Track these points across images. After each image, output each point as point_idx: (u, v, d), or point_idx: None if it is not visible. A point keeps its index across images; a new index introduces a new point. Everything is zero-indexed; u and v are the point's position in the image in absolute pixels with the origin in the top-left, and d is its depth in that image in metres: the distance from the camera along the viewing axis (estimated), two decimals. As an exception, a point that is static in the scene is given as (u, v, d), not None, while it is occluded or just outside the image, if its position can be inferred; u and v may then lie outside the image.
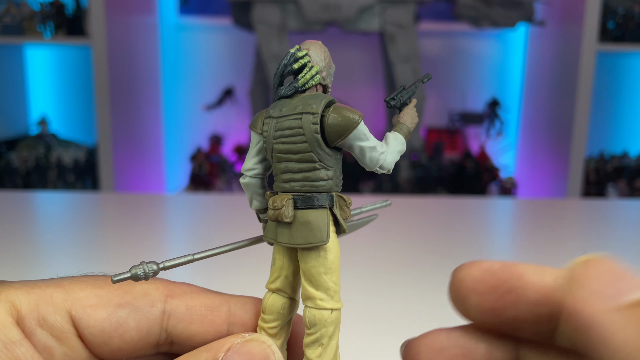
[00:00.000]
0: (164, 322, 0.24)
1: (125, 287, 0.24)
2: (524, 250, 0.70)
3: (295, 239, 0.22)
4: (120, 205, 0.90)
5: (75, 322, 0.23)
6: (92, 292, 0.23)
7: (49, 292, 0.22)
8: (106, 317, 0.23)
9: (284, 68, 0.23)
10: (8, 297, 0.21)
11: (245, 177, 0.24)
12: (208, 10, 2.07)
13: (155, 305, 0.24)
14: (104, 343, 0.23)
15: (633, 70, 2.05)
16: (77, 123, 2.04)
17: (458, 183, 1.86)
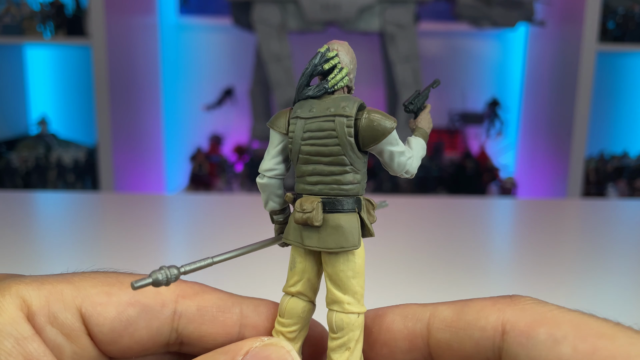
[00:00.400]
0: (175, 322, 0.23)
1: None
2: (524, 250, 0.70)
3: (326, 243, 0.22)
4: (120, 205, 0.90)
5: (85, 320, 0.22)
6: (103, 290, 0.23)
7: (60, 288, 0.22)
8: (116, 316, 0.23)
9: (313, 68, 0.23)
10: (19, 293, 0.21)
11: (263, 177, 0.23)
12: (208, 10, 2.07)
13: (166, 305, 0.23)
14: (113, 342, 0.23)
15: (633, 70, 2.05)
16: (77, 123, 2.04)
17: (458, 183, 1.86)
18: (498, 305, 0.20)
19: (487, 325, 0.20)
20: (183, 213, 0.88)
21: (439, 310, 0.22)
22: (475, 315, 0.21)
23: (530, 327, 0.19)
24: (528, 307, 0.20)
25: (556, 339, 0.18)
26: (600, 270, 0.62)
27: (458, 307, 0.21)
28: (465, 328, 0.21)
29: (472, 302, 0.21)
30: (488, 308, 0.20)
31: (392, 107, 1.86)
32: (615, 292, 0.56)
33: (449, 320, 0.21)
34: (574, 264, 0.64)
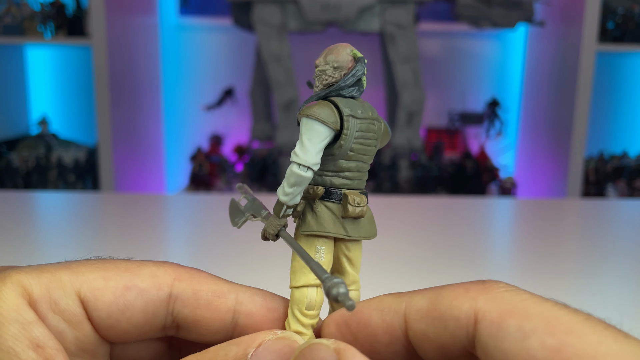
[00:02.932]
0: (170, 305, 0.23)
1: (133, 269, 0.24)
2: (524, 250, 0.70)
3: (367, 232, 0.25)
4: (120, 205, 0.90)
5: (85, 305, 0.23)
6: (100, 274, 0.23)
7: (58, 275, 0.22)
8: (114, 300, 0.23)
9: (363, 71, 0.24)
10: (20, 281, 0.21)
11: (308, 170, 0.23)
12: (208, 10, 2.07)
13: (162, 288, 0.23)
14: (111, 326, 0.23)
15: (633, 70, 2.05)
16: (78, 123, 2.04)
17: (458, 183, 1.86)
18: (470, 294, 0.20)
19: (460, 314, 0.20)
20: (183, 213, 0.88)
21: (414, 300, 0.22)
22: (448, 305, 0.21)
23: (500, 318, 0.19)
24: (500, 295, 0.20)
25: (525, 332, 0.18)
26: (599, 270, 0.62)
27: (432, 297, 0.21)
28: (440, 318, 0.21)
29: (445, 290, 0.21)
30: (461, 297, 0.20)
31: (392, 107, 1.87)
32: (615, 292, 0.56)
33: (424, 311, 0.21)
34: (574, 264, 0.64)
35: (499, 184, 1.91)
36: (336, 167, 0.24)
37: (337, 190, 0.24)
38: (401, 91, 1.70)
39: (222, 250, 0.63)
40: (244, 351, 0.21)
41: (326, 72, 0.24)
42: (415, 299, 0.22)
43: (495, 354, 0.19)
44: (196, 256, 0.64)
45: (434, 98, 2.10)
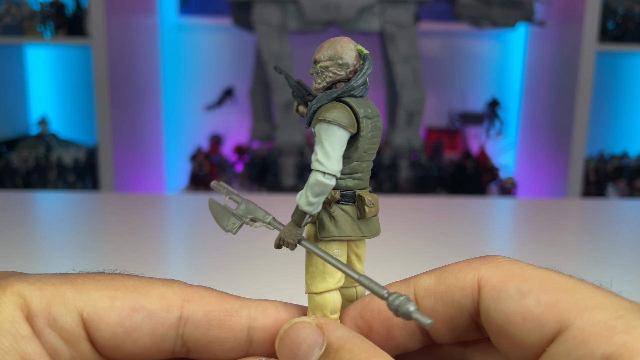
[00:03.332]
0: (180, 329, 0.23)
1: (140, 290, 0.23)
2: (524, 250, 0.70)
3: (377, 229, 0.25)
4: (120, 205, 0.90)
5: (87, 325, 0.22)
6: (106, 293, 0.22)
7: (62, 290, 0.22)
8: (119, 321, 0.22)
9: (371, 70, 0.24)
10: (21, 292, 0.21)
11: (333, 178, 0.22)
12: (208, 10, 2.07)
13: (171, 311, 0.23)
14: (116, 347, 0.22)
15: (633, 70, 2.05)
16: (77, 123, 2.04)
17: (458, 183, 1.86)
18: (473, 265, 0.22)
19: (465, 284, 0.22)
20: (183, 213, 0.88)
21: (421, 280, 0.23)
22: (454, 278, 0.22)
23: (501, 282, 0.21)
24: (500, 264, 0.22)
25: (523, 292, 0.20)
26: (600, 270, 0.62)
27: (437, 273, 0.23)
28: (447, 291, 0.22)
29: (449, 267, 0.23)
30: (465, 268, 0.22)
31: (392, 107, 1.86)
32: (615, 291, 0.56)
33: (431, 288, 0.22)
34: (574, 264, 0.64)
35: (499, 183, 1.91)
36: (350, 169, 0.23)
37: (351, 192, 0.24)
38: (401, 91, 1.69)
39: (223, 251, 0.63)
40: None
41: (329, 69, 0.23)
42: (422, 279, 0.23)
43: (495, 315, 0.20)
44: (196, 256, 0.64)
45: (434, 98, 2.10)
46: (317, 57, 0.24)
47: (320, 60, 0.23)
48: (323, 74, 0.23)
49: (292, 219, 0.23)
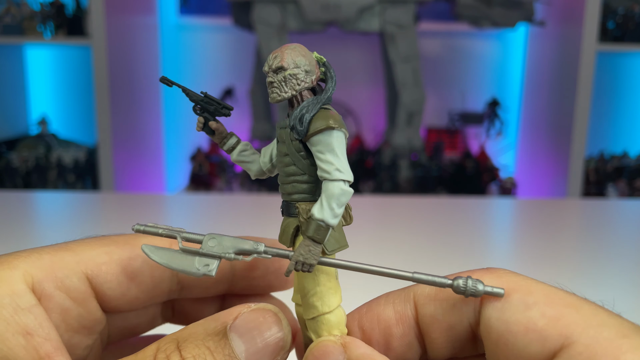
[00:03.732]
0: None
1: (131, 242, 0.25)
2: (524, 250, 0.70)
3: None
4: (120, 205, 0.90)
5: (92, 282, 0.23)
6: (102, 250, 0.24)
7: (60, 255, 0.23)
8: (121, 270, 0.24)
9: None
10: (20, 265, 0.22)
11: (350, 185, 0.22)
12: (208, 10, 2.07)
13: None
14: (122, 295, 0.24)
15: (633, 70, 2.05)
16: (77, 123, 2.04)
17: (458, 183, 1.86)
18: (476, 275, 0.22)
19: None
20: (183, 213, 0.88)
21: (421, 287, 0.23)
22: None
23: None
24: (504, 275, 0.22)
25: (527, 304, 0.20)
26: (600, 269, 0.62)
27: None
28: (448, 299, 0.22)
29: (450, 276, 0.23)
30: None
31: (392, 107, 1.86)
32: (615, 291, 0.56)
33: (432, 295, 0.23)
34: (574, 264, 0.64)
35: (499, 183, 1.91)
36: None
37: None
38: (401, 91, 1.69)
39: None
40: (223, 325, 0.21)
41: (297, 76, 0.22)
42: (422, 286, 0.23)
43: (497, 325, 0.20)
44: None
45: (434, 98, 2.10)
46: (281, 64, 0.22)
47: (287, 68, 0.22)
48: (290, 82, 0.23)
49: (311, 237, 0.22)
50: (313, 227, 0.22)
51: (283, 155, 0.23)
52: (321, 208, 0.22)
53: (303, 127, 0.22)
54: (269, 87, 0.23)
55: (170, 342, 0.20)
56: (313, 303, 0.23)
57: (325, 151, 0.22)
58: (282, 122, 0.24)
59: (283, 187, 0.24)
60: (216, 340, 0.20)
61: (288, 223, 0.23)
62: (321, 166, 0.22)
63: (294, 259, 0.22)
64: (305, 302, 0.23)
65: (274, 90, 0.23)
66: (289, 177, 0.23)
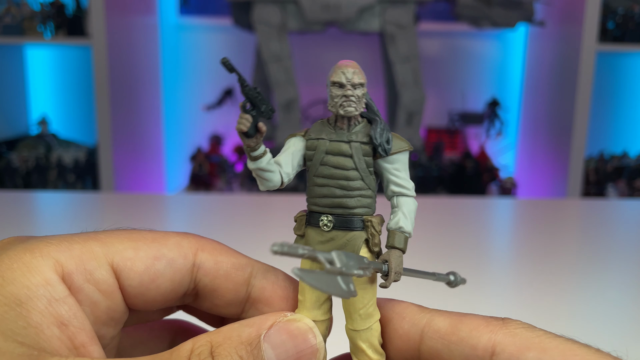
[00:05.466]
0: (194, 274, 0.24)
1: (159, 240, 0.25)
2: (524, 250, 0.70)
3: None
4: (120, 205, 0.90)
5: (117, 275, 0.23)
6: (130, 245, 0.24)
7: (89, 246, 0.23)
8: (145, 269, 0.24)
9: None
10: (51, 254, 0.22)
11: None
12: (208, 10, 2.07)
13: (187, 257, 0.24)
14: (141, 294, 0.24)
15: (633, 70, 2.05)
16: (77, 123, 2.04)
17: (458, 183, 1.86)
18: (490, 327, 0.21)
19: (478, 344, 0.21)
20: (183, 213, 0.88)
21: (435, 320, 0.23)
22: (468, 333, 0.22)
23: (519, 351, 0.20)
24: (518, 331, 0.21)
25: None
26: (599, 269, 0.62)
27: (454, 322, 0.22)
28: (458, 343, 0.22)
29: (466, 319, 0.22)
30: (482, 328, 0.22)
31: (392, 107, 1.86)
32: (615, 291, 0.56)
33: (442, 332, 0.22)
34: (574, 264, 0.64)
35: (499, 184, 1.91)
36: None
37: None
38: (401, 91, 1.69)
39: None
40: (257, 332, 0.21)
41: (365, 95, 0.24)
42: (437, 319, 0.23)
43: None
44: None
45: (434, 98, 2.10)
46: (363, 81, 0.23)
47: (364, 85, 0.24)
48: (362, 99, 0.24)
49: (401, 248, 0.24)
50: (403, 240, 0.24)
51: (347, 169, 0.24)
52: (407, 221, 0.24)
53: (390, 146, 0.24)
54: (345, 100, 0.23)
55: (204, 346, 0.21)
56: (372, 312, 0.24)
57: (402, 170, 0.24)
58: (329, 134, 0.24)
59: (340, 201, 0.24)
60: (249, 349, 0.20)
61: (353, 237, 0.24)
62: (399, 182, 0.24)
63: (394, 270, 0.23)
64: (364, 313, 0.24)
65: (351, 105, 0.23)
66: (353, 191, 0.24)
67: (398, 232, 0.24)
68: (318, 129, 0.25)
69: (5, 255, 0.21)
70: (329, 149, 0.24)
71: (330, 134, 0.24)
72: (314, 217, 0.24)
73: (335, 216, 0.24)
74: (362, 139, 0.24)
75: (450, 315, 0.23)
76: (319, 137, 0.24)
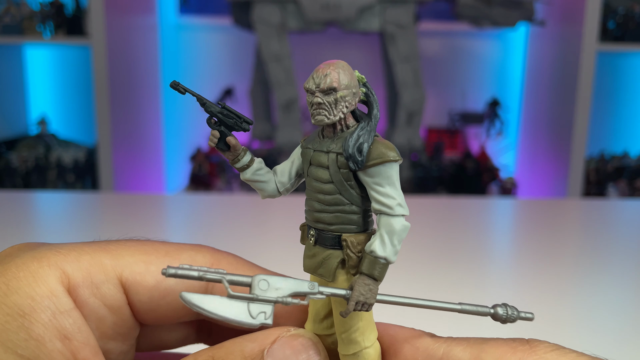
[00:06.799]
0: (209, 290, 0.24)
1: (172, 254, 0.24)
2: (524, 250, 0.70)
3: None
4: (120, 205, 0.90)
5: (126, 290, 0.22)
6: (141, 258, 0.23)
7: (98, 257, 0.22)
8: (155, 285, 0.23)
9: None
10: (58, 264, 0.21)
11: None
12: (208, 10, 2.07)
13: None
14: (151, 310, 0.23)
15: (633, 70, 2.05)
16: (77, 123, 2.04)
17: (458, 183, 1.86)
18: (518, 355, 0.20)
19: None
20: (183, 213, 0.88)
21: (454, 351, 0.21)
22: None
23: None
24: (549, 356, 0.19)
25: None
26: (600, 269, 0.62)
27: (475, 351, 0.20)
28: None
29: (488, 347, 0.20)
30: (508, 356, 0.20)
31: (392, 106, 1.86)
32: (616, 291, 0.56)
33: None
34: (575, 264, 0.64)
35: (500, 184, 1.90)
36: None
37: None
38: (401, 91, 1.69)
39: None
40: (260, 347, 0.20)
41: (346, 98, 0.21)
42: (456, 350, 0.21)
43: None
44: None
45: (434, 98, 2.10)
46: (333, 85, 0.21)
47: (338, 89, 0.21)
48: (340, 104, 0.21)
49: (371, 275, 0.21)
50: (374, 265, 0.20)
51: (323, 182, 0.21)
52: (383, 245, 0.21)
53: (362, 157, 0.20)
54: (316, 108, 0.21)
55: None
56: (355, 338, 0.22)
57: (385, 184, 0.21)
58: (315, 143, 0.22)
59: (319, 216, 0.22)
60: None
61: (329, 255, 0.22)
62: (380, 199, 0.21)
63: (354, 299, 0.20)
64: (346, 338, 0.22)
65: (321, 113, 0.21)
66: (330, 206, 0.21)
67: (370, 257, 0.20)
68: (312, 137, 0.23)
69: (12, 263, 0.21)
70: (312, 160, 0.22)
71: (316, 143, 0.22)
72: (306, 229, 0.23)
73: (317, 231, 0.22)
74: (339, 149, 0.21)
75: (469, 343, 0.21)
76: (307, 147, 0.22)
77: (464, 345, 0.21)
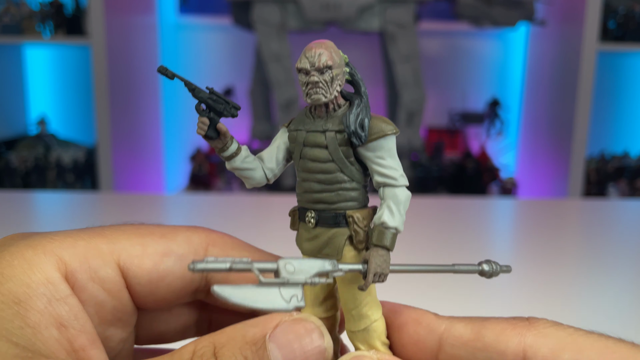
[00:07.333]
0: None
1: (168, 235, 0.24)
2: (525, 250, 0.69)
3: None
4: (119, 205, 0.90)
5: (124, 273, 0.22)
6: (137, 241, 0.23)
7: (95, 242, 0.22)
8: (153, 267, 0.23)
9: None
10: (54, 251, 0.21)
11: None
12: (208, 9, 2.07)
13: (198, 253, 0.24)
14: (150, 293, 0.23)
15: (634, 70, 2.05)
16: (77, 123, 2.04)
17: (458, 183, 1.86)
18: (518, 330, 0.20)
19: (507, 349, 0.20)
20: (183, 213, 0.88)
21: (456, 326, 0.21)
22: (494, 338, 0.21)
23: (553, 353, 0.19)
24: (548, 331, 0.20)
25: None
26: (600, 269, 0.61)
27: (476, 327, 0.21)
28: (483, 349, 0.21)
29: (489, 323, 0.21)
30: (508, 331, 0.20)
31: (392, 106, 1.86)
32: (616, 291, 0.56)
33: (465, 339, 0.21)
34: (575, 264, 0.64)
35: (500, 184, 1.90)
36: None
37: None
38: (401, 91, 1.69)
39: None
40: (262, 332, 0.20)
41: (338, 77, 0.21)
42: (457, 326, 0.21)
43: None
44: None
45: (434, 98, 2.10)
46: (329, 63, 0.21)
47: (333, 67, 0.21)
48: (335, 82, 0.21)
49: (384, 246, 0.21)
50: (385, 236, 0.21)
51: (322, 161, 0.22)
52: (392, 215, 0.21)
53: (365, 133, 0.21)
54: (312, 88, 0.21)
55: (207, 346, 0.20)
56: (365, 313, 0.22)
57: (387, 157, 0.21)
58: (307, 124, 0.22)
59: (319, 196, 0.22)
60: (254, 350, 0.20)
61: (334, 234, 0.22)
62: (383, 172, 0.21)
63: (372, 271, 0.21)
64: (357, 314, 0.22)
65: (318, 92, 0.21)
66: (331, 185, 0.22)
67: (380, 228, 0.21)
68: (299, 119, 0.23)
69: (6, 252, 0.20)
70: (306, 141, 0.22)
71: (308, 124, 0.22)
72: (302, 212, 0.23)
73: (317, 212, 0.22)
74: (337, 127, 0.21)
75: (471, 321, 0.22)
76: (297, 129, 0.23)
77: (465, 322, 0.22)
